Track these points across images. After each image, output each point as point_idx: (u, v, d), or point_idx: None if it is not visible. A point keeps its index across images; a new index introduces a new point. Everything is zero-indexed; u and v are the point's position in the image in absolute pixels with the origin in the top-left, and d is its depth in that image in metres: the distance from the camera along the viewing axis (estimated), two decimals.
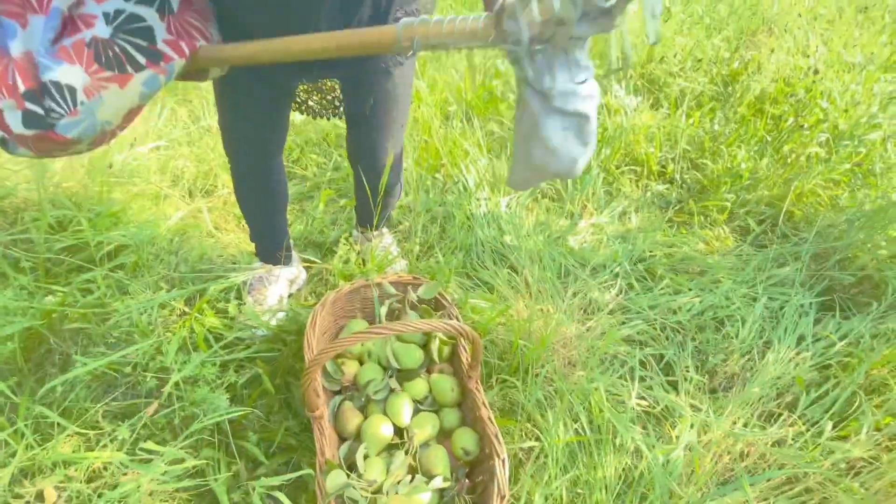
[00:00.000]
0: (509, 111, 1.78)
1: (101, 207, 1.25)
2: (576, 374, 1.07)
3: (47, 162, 1.30)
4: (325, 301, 0.97)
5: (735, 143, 1.68)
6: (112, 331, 1.05)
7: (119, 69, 0.59)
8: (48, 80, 0.55)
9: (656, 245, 1.42)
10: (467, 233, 1.35)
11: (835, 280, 1.31)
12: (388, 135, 1.00)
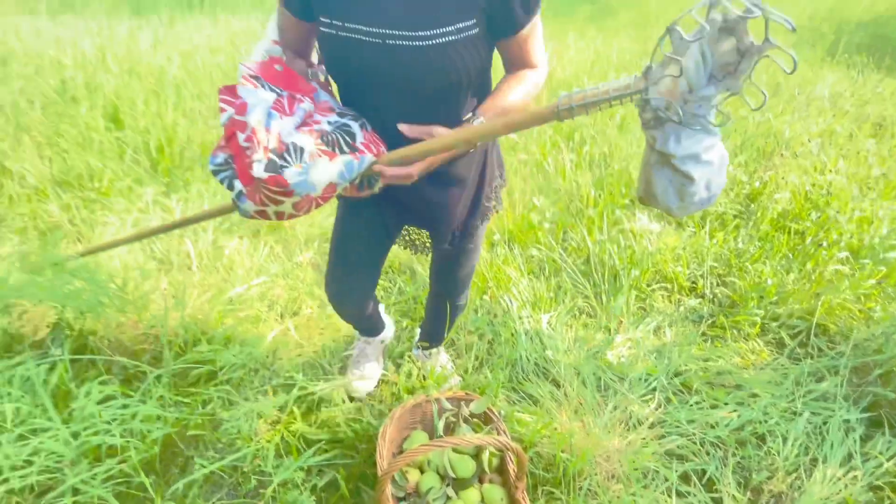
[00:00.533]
0: (546, 237, 2.05)
1: (217, 331, 1.57)
2: (618, 489, 1.14)
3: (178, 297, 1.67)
4: (393, 416, 1.16)
5: (760, 260, 1.82)
6: (221, 437, 1.29)
7: (331, 148, 0.81)
8: (289, 141, 0.78)
9: (691, 359, 1.52)
10: (512, 349, 1.53)
11: (879, 395, 1.34)
12: (466, 263, 1.20)
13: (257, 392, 1.41)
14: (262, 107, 0.78)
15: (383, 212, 1.03)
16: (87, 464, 1.09)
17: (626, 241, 1.88)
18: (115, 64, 3.43)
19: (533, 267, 1.93)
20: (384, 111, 0.86)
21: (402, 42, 0.76)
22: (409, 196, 0.96)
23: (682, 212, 0.76)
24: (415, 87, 0.81)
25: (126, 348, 1.47)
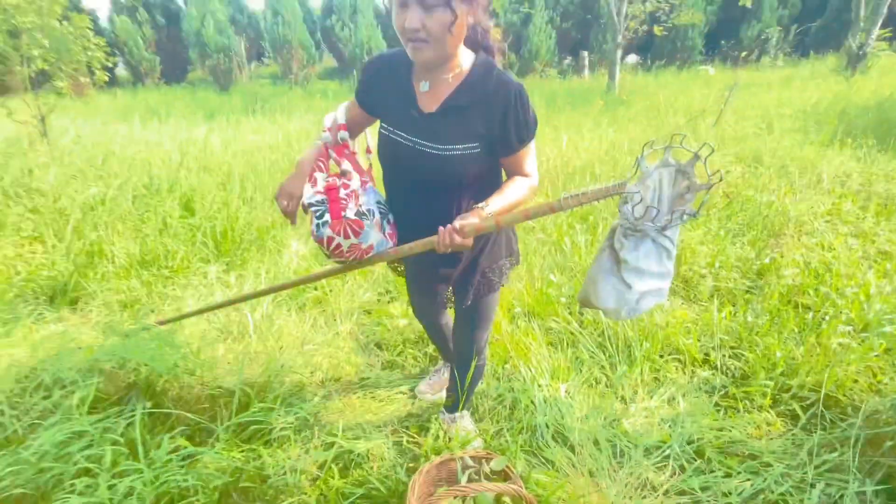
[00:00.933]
0: (563, 310, 2.22)
1: (268, 394, 1.78)
2: None
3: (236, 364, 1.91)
4: (422, 471, 1.30)
5: (770, 334, 1.91)
6: (268, 491, 1.44)
7: (377, 225, 1.17)
8: (366, 208, 1.15)
9: (705, 428, 1.59)
10: (531, 415, 1.65)
11: (893, 467, 1.37)
12: (476, 325, 1.42)
13: (301, 450, 1.58)
14: (357, 180, 1.17)
15: (426, 270, 1.36)
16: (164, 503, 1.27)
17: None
18: (191, 161, 4.05)
19: (551, 338, 2.08)
20: (410, 190, 1.21)
21: (426, 150, 1.10)
22: (435, 262, 1.27)
23: (613, 315, 0.98)
24: (430, 178, 1.14)
25: (191, 405, 1.69)
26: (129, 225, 3.06)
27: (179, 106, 8.46)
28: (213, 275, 2.66)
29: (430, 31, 0.97)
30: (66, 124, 5.45)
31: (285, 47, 11.74)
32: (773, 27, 11.67)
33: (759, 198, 3.08)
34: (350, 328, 2.24)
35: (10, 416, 1.59)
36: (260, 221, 3.19)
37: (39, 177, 3.66)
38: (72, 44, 4.29)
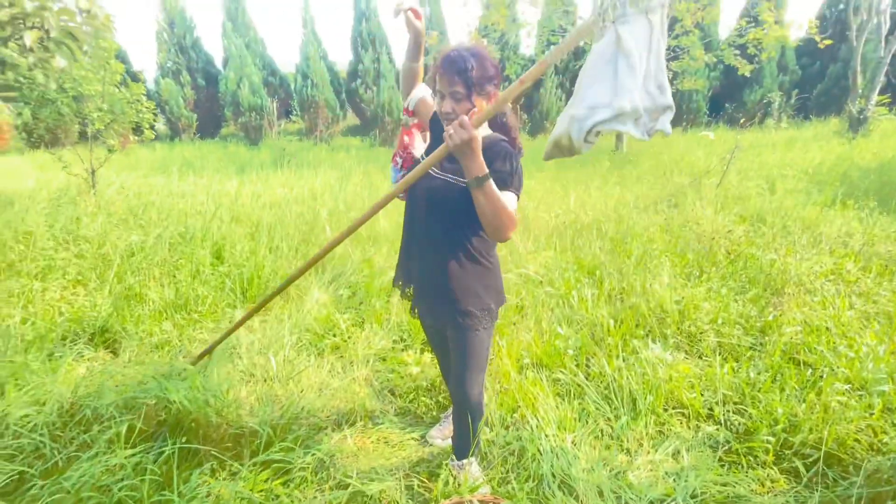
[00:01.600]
0: (570, 362, 2.30)
1: (289, 434, 1.87)
2: None
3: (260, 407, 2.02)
4: None
5: (772, 390, 1.97)
6: None
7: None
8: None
9: (708, 483, 1.63)
10: (538, 464, 1.71)
11: None
12: (462, 362, 1.51)
13: (317, 490, 1.65)
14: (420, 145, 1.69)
15: (425, 312, 1.58)
16: None
17: (642, 369, 2.11)
18: (223, 212, 4.36)
19: (559, 389, 2.16)
20: (416, 211, 1.49)
21: (430, 173, 1.41)
22: (427, 304, 1.53)
23: (566, 144, 0.98)
24: (426, 196, 1.43)
25: (217, 443, 1.80)
26: (165, 270, 3.30)
27: (213, 159, 9.07)
28: (238, 318, 2.83)
29: (458, 113, 1.30)
30: (110, 176, 5.92)
31: (312, 106, 12.63)
32: (774, 91, 12.19)
33: (761, 256, 3.20)
34: (366, 374, 2.36)
35: (52, 448, 1.72)
36: (284, 270, 3.40)
37: (87, 224, 3.98)
38: (126, 107, 4.78)
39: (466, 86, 1.28)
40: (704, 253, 3.37)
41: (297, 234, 3.92)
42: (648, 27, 0.96)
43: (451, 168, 1.38)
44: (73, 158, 4.89)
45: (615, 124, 1.00)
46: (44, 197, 4.92)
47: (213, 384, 1.96)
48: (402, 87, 1.69)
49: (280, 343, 2.48)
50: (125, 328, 2.63)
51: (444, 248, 1.42)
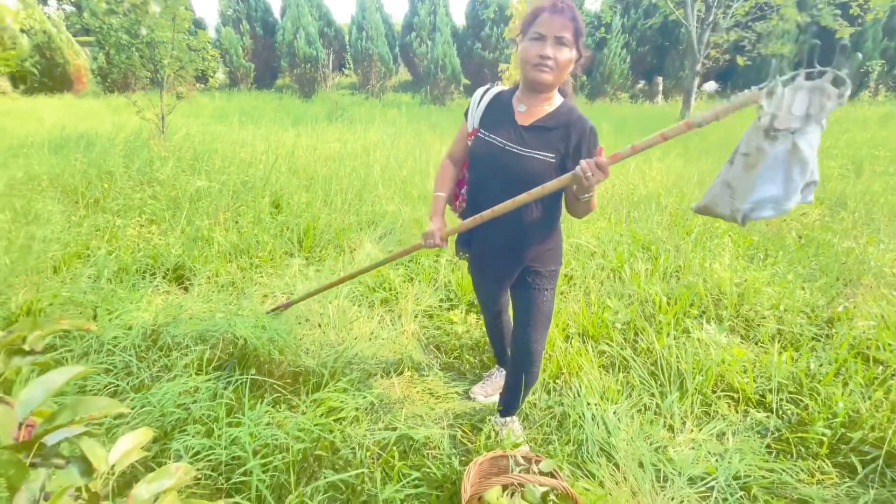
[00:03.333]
0: (618, 336, 2.29)
1: (342, 377, 2.01)
2: None
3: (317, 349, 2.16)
4: (476, 462, 1.45)
5: (833, 384, 1.88)
6: (337, 461, 1.65)
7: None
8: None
9: (753, 467, 1.61)
10: (579, 430, 1.75)
11: None
12: (536, 331, 1.58)
13: (367, 430, 1.78)
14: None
15: (491, 264, 1.60)
16: (261, 456, 1.51)
17: (693, 349, 2.06)
18: (281, 163, 4.51)
19: (603, 361, 2.16)
20: (492, 185, 1.45)
21: (513, 150, 1.38)
22: (497, 260, 1.55)
23: (728, 218, 1.00)
24: (511, 174, 1.39)
25: (277, 379, 1.96)
26: (228, 216, 3.50)
27: (268, 110, 9.29)
28: (295, 267, 2.99)
29: (558, 62, 1.28)
30: (178, 122, 6.22)
31: (366, 60, 12.51)
32: (875, 59, 10.79)
33: (837, 243, 2.96)
34: (413, 329, 2.45)
35: (139, 367, 1.93)
36: (338, 223, 3.51)
37: (158, 168, 4.25)
38: (194, 56, 4.94)
39: (575, 33, 1.27)
40: (772, 235, 3.16)
41: (350, 189, 4.01)
42: (820, 131, 0.97)
43: (536, 143, 1.36)
44: (145, 103, 5.16)
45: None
46: (120, 139, 5.27)
47: (275, 324, 2.10)
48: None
49: (335, 292, 2.60)
50: (195, 267, 2.85)
51: (526, 216, 1.42)
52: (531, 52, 1.29)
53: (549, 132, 1.36)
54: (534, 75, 1.31)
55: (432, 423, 1.82)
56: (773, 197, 0.99)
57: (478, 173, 1.52)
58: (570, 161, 1.35)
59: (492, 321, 1.90)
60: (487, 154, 1.42)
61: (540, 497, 1.36)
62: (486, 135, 1.43)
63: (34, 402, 0.43)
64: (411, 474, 1.55)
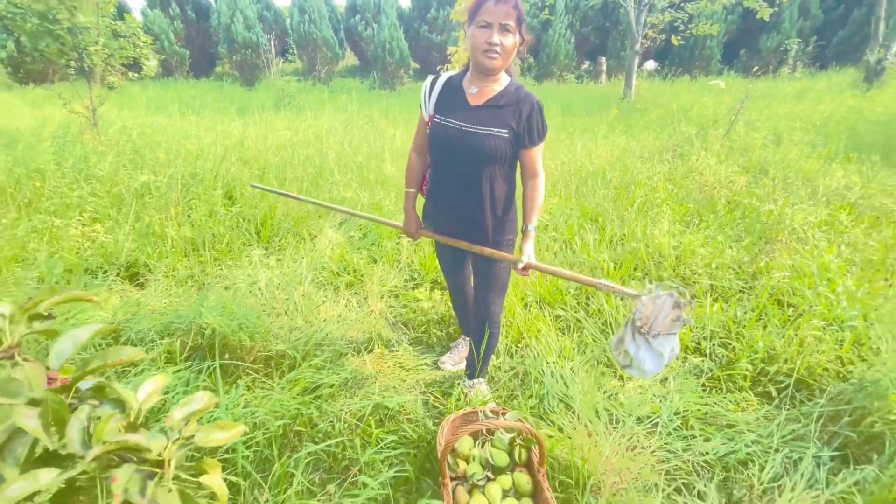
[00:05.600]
0: (572, 300, 2.47)
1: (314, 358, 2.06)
2: (621, 493, 1.46)
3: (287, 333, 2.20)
4: (448, 419, 1.58)
5: (755, 327, 2.15)
6: (316, 434, 1.72)
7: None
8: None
9: (690, 403, 1.84)
10: (540, 385, 1.91)
11: (848, 437, 1.60)
12: (495, 294, 1.73)
13: (343, 404, 1.86)
14: None
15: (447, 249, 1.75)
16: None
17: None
18: (231, 154, 4.37)
19: (559, 325, 2.34)
20: (451, 162, 1.54)
21: (470, 130, 1.47)
22: (466, 237, 1.64)
23: (645, 374, 1.28)
24: (469, 152, 1.49)
25: (249, 364, 1.99)
26: (179, 210, 3.38)
27: (209, 100, 8.83)
28: (256, 257, 2.97)
29: (504, 47, 1.38)
30: (111, 114, 5.83)
31: (311, 45, 12.10)
32: (792, 39, 11.71)
33: (759, 206, 3.30)
34: (380, 308, 2.52)
35: None
36: (296, 212, 3.49)
37: (96, 164, 4.01)
38: (125, 42, 4.64)
39: (518, 20, 1.35)
40: (705, 202, 3.46)
41: (305, 177, 3.97)
42: (675, 338, 1.26)
43: (490, 121, 1.46)
44: (70, 95, 4.80)
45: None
46: (47, 135, 4.88)
47: (242, 312, 2.11)
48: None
49: (299, 279, 2.62)
50: (150, 263, 2.76)
51: (484, 189, 1.53)
52: (479, 38, 1.38)
53: (501, 109, 1.46)
54: (483, 61, 1.41)
55: (405, 392, 1.92)
56: (640, 367, 1.28)
57: (439, 156, 1.60)
58: (524, 135, 1.48)
59: (456, 292, 2.02)
60: (445, 136, 1.51)
61: (507, 442, 1.50)
62: (443, 119, 1.52)
63: (65, 354, 0.48)
64: (388, 438, 1.65)
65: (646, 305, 1.20)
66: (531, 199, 1.56)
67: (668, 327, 1.18)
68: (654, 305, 1.19)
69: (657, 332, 1.19)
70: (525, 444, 1.49)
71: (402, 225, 1.81)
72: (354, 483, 1.51)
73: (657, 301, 1.20)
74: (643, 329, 1.19)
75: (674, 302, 1.18)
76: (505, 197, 1.58)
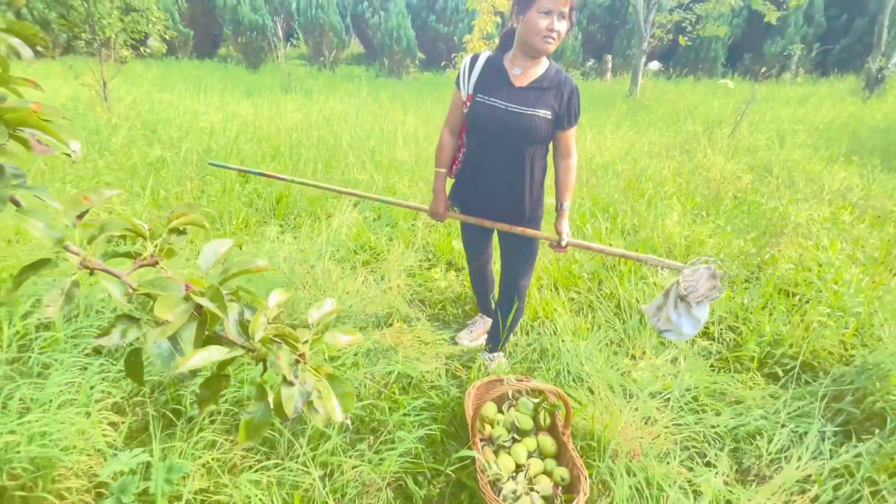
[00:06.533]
0: (584, 284, 2.54)
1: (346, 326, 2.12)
2: (637, 458, 1.54)
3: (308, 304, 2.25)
4: (474, 385, 1.64)
5: (762, 314, 2.23)
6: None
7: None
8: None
9: (700, 381, 1.92)
10: (557, 361, 1.99)
11: (851, 414, 1.70)
12: (525, 268, 1.80)
13: (366, 372, 1.92)
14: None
15: (486, 218, 1.75)
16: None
17: (650, 291, 2.35)
18: (244, 133, 4.39)
19: (573, 306, 2.41)
20: (494, 144, 1.60)
21: (514, 110, 1.53)
22: (500, 215, 1.71)
23: (671, 336, 1.44)
24: (512, 132, 1.55)
25: None
26: (195, 185, 3.41)
27: (214, 80, 8.78)
28: (271, 234, 3.01)
29: (560, 34, 1.46)
30: (119, 90, 5.79)
31: (317, 30, 12.03)
32: (796, 44, 11.82)
33: (765, 203, 3.39)
34: (398, 285, 2.58)
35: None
36: (311, 192, 3.53)
37: (108, 136, 4.01)
38: (138, 16, 4.62)
39: (572, 7, 1.43)
40: (712, 197, 3.55)
41: (319, 159, 4.00)
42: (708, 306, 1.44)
43: (535, 102, 1.52)
44: (81, 69, 4.77)
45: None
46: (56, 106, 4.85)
47: (271, 280, 2.17)
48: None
49: (318, 255, 2.67)
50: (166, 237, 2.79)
51: (526, 168, 1.59)
52: (540, 24, 1.43)
53: (545, 91, 1.52)
54: (542, 46, 1.46)
55: (428, 363, 1.99)
56: (679, 330, 1.44)
57: (479, 135, 1.63)
58: (564, 116, 1.54)
59: (478, 272, 2.08)
60: (490, 116, 1.54)
61: (531, 408, 1.58)
62: (486, 98, 1.55)
63: (210, 261, 0.54)
64: (414, 403, 1.72)
65: (687, 277, 1.29)
66: (565, 178, 1.62)
67: (707, 295, 1.27)
68: (695, 276, 1.28)
69: (699, 298, 1.28)
70: (549, 410, 1.57)
71: (426, 207, 1.85)
72: (385, 443, 1.58)
73: (696, 272, 1.29)
74: (687, 297, 1.29)
75: (710, 273, 1.27)
76: (542, 176, 1.65)
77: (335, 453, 1.51)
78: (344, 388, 0.52)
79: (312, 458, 1.47)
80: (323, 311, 0.57)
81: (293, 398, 0.48)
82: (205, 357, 0.45)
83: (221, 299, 0.49)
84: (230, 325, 0.49)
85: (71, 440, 1.39)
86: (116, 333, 0.52)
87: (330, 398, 0.50)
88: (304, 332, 0.54)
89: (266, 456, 1.53)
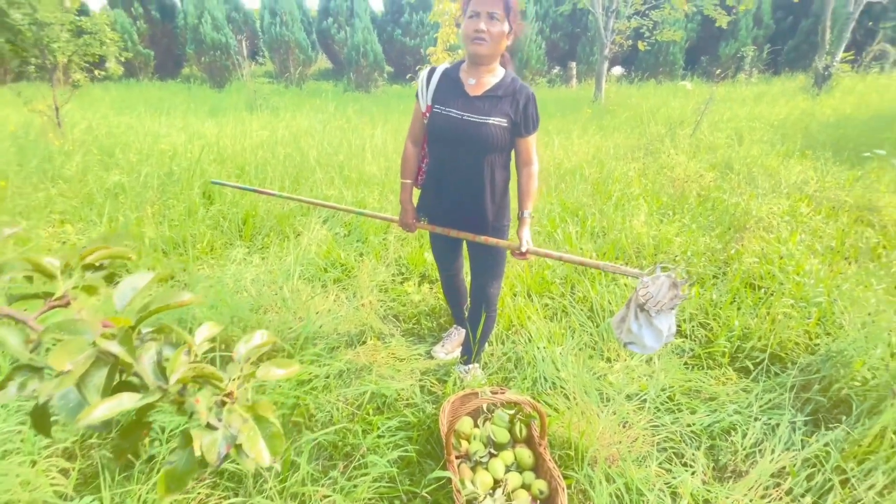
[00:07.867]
0: (557, 289, 2.55)
1: (307, 351, 2.05)
2: (616, 462, 1.53)
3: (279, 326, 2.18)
4: (450, 400, 1.61)
5: (730, 308, 2.28)
6: (314, 426, 1.72)
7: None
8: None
9: (674, 380, 1.93)
10: (533, 369, 1.97)
11: (819, 403, 1.73)
12: (493, 277, 1.79)
13: (340, 393, 1.86)
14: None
15: (452, 228, 1.74)
16: None
17: (621, 292, 2.37)
18: (207, 154, 4.27)
19: (547, 312, 2.41)
20: (453, 154, 1.59)
21: (468, 118, 1.53)
22: (465, 226, 1.68)
23: (634, 349, 1.39)
24: (469, 141, 1.54)
25: None
26: (157, 210, 3.29)
27: (178, 101, 8.58)
28: (239, 256, 2.92)
29: (491, 34, 1.44)
30: (74, 114, 5.59)
31: (282, 47, 11.94)
32: (748, 46, 12.37)
33: (727, 199, 3.48)
34: (370, 301, 2.53)
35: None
36: (279, 210, 3.45)
37: (62, 164, 3.84)
38: (90, 38, 4.47)
39: (505, 8, 1.42)
40: (677, 196, 3.63)
41: (286, 176, 3.92)
42: (673, 316, 1.35)
43: (490, 110, 1.52)
44: (31, 94, 4.58)
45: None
46: (6, 135, 4.64)
47: (234, 305, 2.09)
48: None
49: (286, 275, 2.60)
50: (127, 264, 2.67)
51: (485, 177, 1.58)
52: (468, 27, 1.46)
53: (500, 100, 1.52)
54: (472, 48, 1.48)
55: (402, 380, 1.94)
56: (641, 342, 1.38)
57: (439, 145, 1.63)
58: (521, 124, 1.54)
59: (449, 282, 2.05)
60: (447, 126, 1.55)
61: (507, 420, 1.55)
62: (442, 109, 1.56)
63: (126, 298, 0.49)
64: (388, 423, 1.67)
65: (647, 285, 1.28)
66: (527, 186, 1.61)
67: (667, 304, 1.26)
68: (654, 285, 1.27)
69: (659, 308, 1.26)
70: (525, 420, 1.54)
71: (396, 218, 1.83)
72: (357, 468, 1.52)
73: (657, 281, 1.28)
74: (646, 306, 1.27)
75: (671, 282, 1.26)
76: (503, 184, 1.64)
77: (305, 483, 1.45)
78: (272, 428, 0.48)
79: (281, 491, 1.40)
80: (252, 345, 0.53)
81: (215, 443, 0.44)
82: (113, 406, 0.41)
83: (130, 343, 0.45)
84: (146, 368, 0.45)
85: (14, 493, 1.29)
86: (13, 386, 0.46)
87: (256, 441, 0.46)
88: (234, 367, 0.50)
89: (233, 492, 1.45)
